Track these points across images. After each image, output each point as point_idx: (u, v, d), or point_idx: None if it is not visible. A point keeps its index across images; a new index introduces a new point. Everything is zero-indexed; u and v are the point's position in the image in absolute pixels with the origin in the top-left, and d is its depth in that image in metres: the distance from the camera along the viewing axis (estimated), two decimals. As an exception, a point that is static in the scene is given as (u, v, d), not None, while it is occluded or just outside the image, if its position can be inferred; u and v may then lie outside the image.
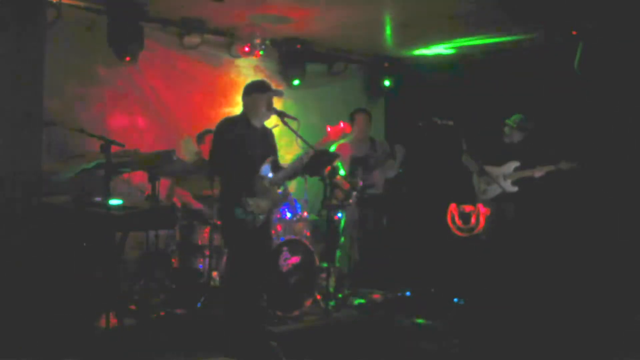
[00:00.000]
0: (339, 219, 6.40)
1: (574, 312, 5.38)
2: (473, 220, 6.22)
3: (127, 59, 5.87)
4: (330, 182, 5.53)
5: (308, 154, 4.79)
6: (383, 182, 6.84)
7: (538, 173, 6.07)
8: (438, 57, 7.55)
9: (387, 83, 7.93)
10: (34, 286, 4.46)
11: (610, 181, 6.13)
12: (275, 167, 4.89)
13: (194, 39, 6.38)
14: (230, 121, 4.86)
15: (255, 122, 4.84)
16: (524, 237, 6.08)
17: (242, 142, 4.73)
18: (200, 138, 6.30)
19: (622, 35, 5.94)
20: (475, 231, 6.19)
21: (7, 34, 4.40)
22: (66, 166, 5.22)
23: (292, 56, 7.09)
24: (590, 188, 6.17)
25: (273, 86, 4.98)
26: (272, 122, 5.00)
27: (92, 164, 4.84)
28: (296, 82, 7.20)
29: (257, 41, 6.53)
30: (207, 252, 5.67)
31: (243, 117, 4.85)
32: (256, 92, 4.81)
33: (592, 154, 6.06)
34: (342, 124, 4.92)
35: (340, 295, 6.16)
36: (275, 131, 5.09)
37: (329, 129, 4.91)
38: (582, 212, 6.23)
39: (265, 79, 5.33)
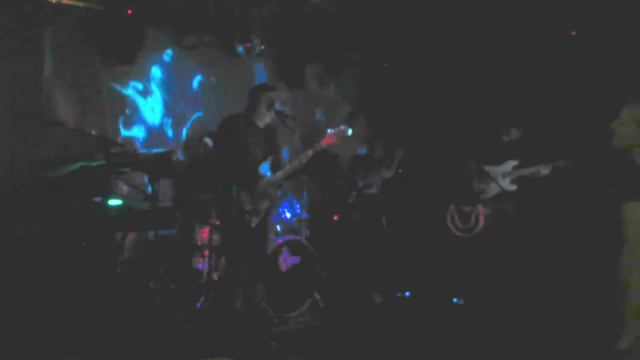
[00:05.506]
0: (338, 219, 6.42)
1: (575, 311, 5.38)
2: (472, 220, 6.22)
3: (127, 59, 5.87)
4: (328, 182, 5.54)
5: (307, 154, 4.82)
6: (380, 183, 6.86)
7: (545, 170, 6.07)
8: (438, 57, 7.56)
9: (386, 83, 7.92)
10: (34, 286, 4.46)
11: (609, 179, 6.13)
12: (276, 166, 4.91)
13: (194, 39, 6.38)
14: (233, 119, 4.91)
15: (257, 121, 4.88)
16: (524, 236, 6.09)
17: (243, 140, 4.77)
18: (199, 139, 6.29)
19: (618, 34, 5.96)
20: (475, 231, 6.20)
21: (7, 34, 4.41)
22: (64, 162, 5.22)
23: (291, 56, 7.09)
24: (589, 186, 6.18)
25: (276, 88, 5.02)
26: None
27: (93, 163, 4.84)
28: (295, 82, 7.18)
29: (257, 41, 6.54)
30: (207, 252, 5.68)
31: (245, 116, 4.90)
32: (259, 92, 4.88)
33: (590, 152, 6.07)
34: (342, 127, 4.99)
35: (339, 295, 6.16)
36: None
37: (329, 132, 4.98)
38: (581, 211, 6.23)
39: (271, 81, 5.36)
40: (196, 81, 6.82)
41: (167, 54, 6.54)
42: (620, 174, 2.88)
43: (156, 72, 6.50)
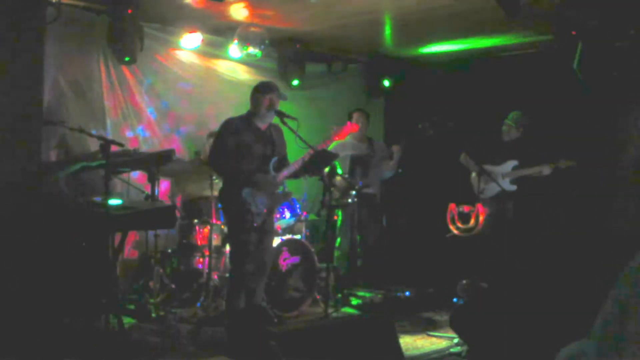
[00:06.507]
0: (338, 219, 6.42)
1: (574, 311, 5.38)
2: (472, 220, 6.22)
3: (127, 59, 5.86)
4: (329, 182, 5.53)
5: (309, 153, 4.84)
6: (379, 183, 6.86)
7: (546, 170, 6.07)
8: (438, 57, 7.56)
9: (387, 83, 7.92)
10: (34, 286, 4.46)
11: (608, 179, 6.14)
12: (278, 166, 4.92)
13: (194, 39, 6.38)
14: (233, 121, 4.91)
15: (258, 122, 4.88)
16: (524, 235, 6.09)
17: (243, 141, 4.77)
18: (208, 139, 6.28)
19: (621, 35, 5.95)
20: (475, 231, 6.20)
21: (6, 34, 4.40)
22: (64, 163, 5.22)
23: (291, 56, 7.09)
24: (588, 186, 6.18)
25: (277, 88, 5.00)
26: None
27: (93, 163, 4.84)
28: (295, 82, 7.18)
29: (257, 41, 6.53)
30: (206, 252, 5.68)
31: (247, 117, 4.90)
32: (259, 92, 4.87)
33: (590, 152, 6.07)
34: (349, 124, 5.01)
35: (339, 295, 6.16)
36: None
37: (334, 129, 4.98)
38: (580, 211, 6.23)
39: (271, 80, 5.35)
40: (198, 81, 6.82)
41: (169, 54, 6.54)
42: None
43: (158, 71, 6.50)
